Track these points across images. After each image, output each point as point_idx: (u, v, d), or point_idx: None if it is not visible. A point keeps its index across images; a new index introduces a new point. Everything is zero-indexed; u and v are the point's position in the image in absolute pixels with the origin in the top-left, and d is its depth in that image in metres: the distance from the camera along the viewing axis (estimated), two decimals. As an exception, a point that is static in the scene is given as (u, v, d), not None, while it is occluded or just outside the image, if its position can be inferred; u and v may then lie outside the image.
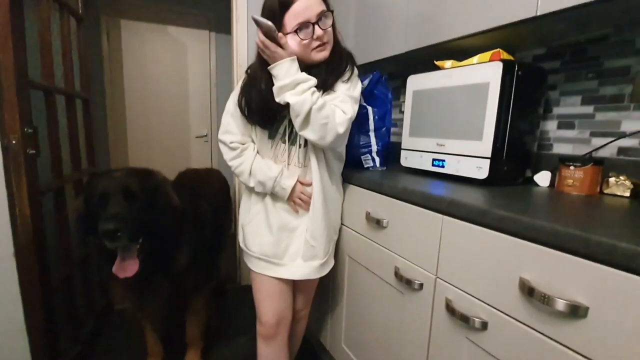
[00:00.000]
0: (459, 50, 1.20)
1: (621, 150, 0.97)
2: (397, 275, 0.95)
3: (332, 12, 0.98)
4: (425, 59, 1.31)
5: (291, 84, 0.92)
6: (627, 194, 0.90)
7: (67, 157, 1.53)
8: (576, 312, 0.55)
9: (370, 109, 1.29)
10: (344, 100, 0.98)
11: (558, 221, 0.61)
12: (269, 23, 0.90)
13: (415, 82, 1.18)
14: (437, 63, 1.15)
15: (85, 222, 1.05)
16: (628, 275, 0.50)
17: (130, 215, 0.99)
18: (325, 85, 0.99)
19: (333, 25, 1.01)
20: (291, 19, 0.93)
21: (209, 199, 1.62)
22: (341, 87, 1.01)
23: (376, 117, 1.29)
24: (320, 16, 0.94)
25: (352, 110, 0.99)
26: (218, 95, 3.25)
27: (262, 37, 0.92)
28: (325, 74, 1.00)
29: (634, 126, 0.94)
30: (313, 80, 0.94)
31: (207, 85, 3.24)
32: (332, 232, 1.15)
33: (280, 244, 1.08)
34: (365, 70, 1.62)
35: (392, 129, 1.75)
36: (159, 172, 1.17)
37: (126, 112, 2.97)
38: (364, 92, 1.30)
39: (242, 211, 1.18)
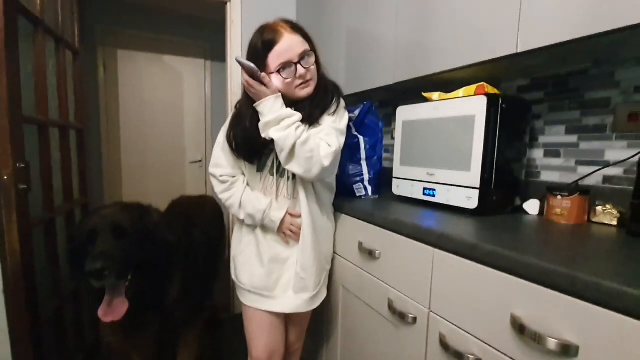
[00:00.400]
0: (446, 81, 1.24)
1: (606, 179, 0.99)
2: (391, 308, 0.94)
3: (314, 51, 1.01)
4: (414, 88, 1.36)
5: (275, 120, 0.95)
6: (615, 222, 0.91)
7: (59, 186, 1.52)
8: (567, 351, 0.55)
9: (361, 138, 1.31)
10: (329, 133, 0.99)
11: (546, 256, 0.61)
12: (251, 65, 0.93)
13: (405, 113, 1.21)
14: (425, 95, 1.18)
15: (74, 260, 1.03)
16: (615, 315, 0.50)
17: (119, 253, 0.98)
18: (311, 119, 1.01)
19: (317, 61, 1.03)
20: (274, 59, 0.96)
21: (203, 227, 1.61)
22: (327, 120, 1.03)
23: (367, 147, 1.31)
24: (303, 56, 0.97)
25: (337, 143, 1.00)
26: (213, 121, 3.29)
27: (247, 77, 0.95)
28: (310, 107, 1.01)
29: (617, 155, 0.97)
30: (297, 116, 0.97)
31: (202, 111, 3.28)
32: (323, 262, 1.14)
33: (271, 275, 1.08)
34: (357, 98, 1.66)
35: (385, 155, 1.77)
36: (150, 206, 1.17)
37: (121, 138, 2.99)
38: (355, 122, 1.33)
39: (233, 242, 1.18)
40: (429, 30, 1.16)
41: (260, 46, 0.96)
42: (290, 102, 1.01)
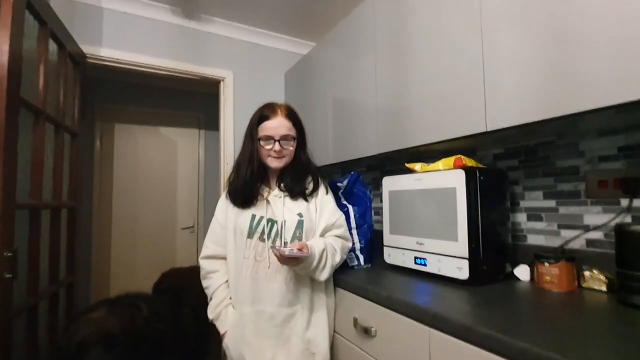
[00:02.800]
0: (426, 151, 1.32)
1: (589, 242, 1.02)
2: (391, 393, 0.90)
3: (300, 138, 1.18)
4: (398, 157, 1.43)
5: (321, 264, 1.06)
6: (604, 288, 0.92)
7: (46, 266, 1.48)
8: None
9: (350, 207, 1.35)
10: (346, 230, 1.21)
11: (540, 336, 0.61)
12: (304, 253, 0.98)
13: (390, 183, 1.26)
14: (407, 166, 1.25)
15: None
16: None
17: None
18: (292, 192, 1.15)
19: (302, 145, 1.20)
20: (261, 130, 1.15)
21: (193, 302, 1.55)
22: (329, 199, 1.20)
23: (357, 216, 1.34)
24: (284, 138, 1.13)
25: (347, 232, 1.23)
26: (206, 186, 3.34)
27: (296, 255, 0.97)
28: (292, 182, 1.17)
29: (594, 220, 1.01)
30: (322, 242, 1.09)
31: (195, 177, 3.34)
32: (332, 330, 1.15)
33: (265, 355, 1.04)
34: (346, 164, 1.74)
35: (376, 217, 1.80)
36: (138, 297, 1.14)
37: (113, 208, 2.98)
38: (344, 192, 1.38)
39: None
40: (407, 116, 1.26)
41: (257, 117, 1.17)
42: (278, 172, 1.18)
